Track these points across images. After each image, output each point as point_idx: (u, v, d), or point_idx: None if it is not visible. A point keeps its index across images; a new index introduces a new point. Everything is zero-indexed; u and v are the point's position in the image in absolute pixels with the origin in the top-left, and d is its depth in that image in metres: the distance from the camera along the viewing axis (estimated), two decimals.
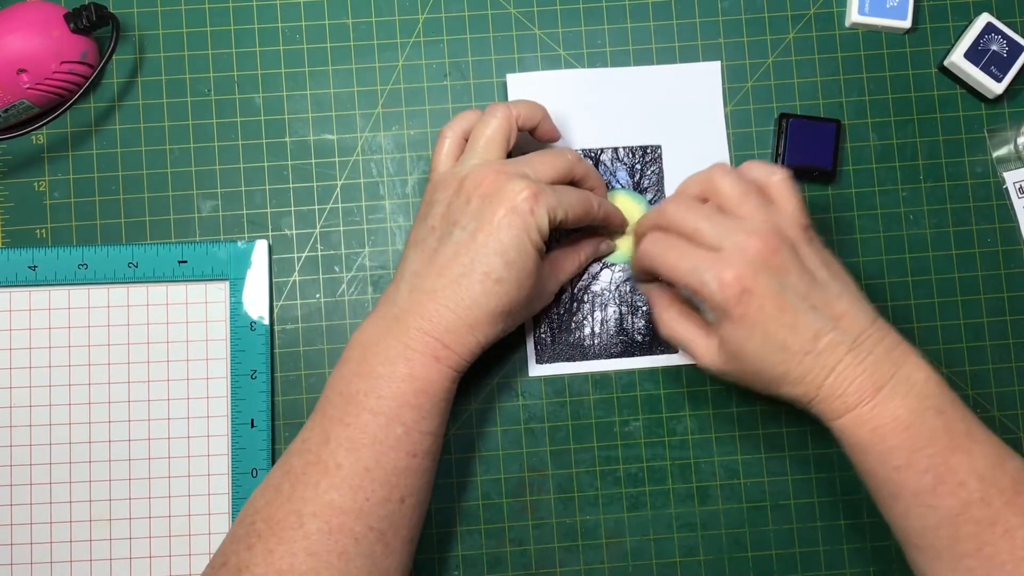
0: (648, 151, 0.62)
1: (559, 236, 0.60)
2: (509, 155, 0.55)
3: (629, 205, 0.61)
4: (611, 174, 0.61)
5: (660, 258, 0.53)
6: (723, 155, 0.62)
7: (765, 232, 0.50)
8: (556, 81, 0.62)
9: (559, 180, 0.55)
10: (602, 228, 0.60)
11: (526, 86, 0.62)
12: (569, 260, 0.59)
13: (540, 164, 0.54)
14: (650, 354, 0.61)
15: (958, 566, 0.49)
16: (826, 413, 0.51)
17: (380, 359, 0.51)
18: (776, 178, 0.53)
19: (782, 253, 0.50)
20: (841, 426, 0.51)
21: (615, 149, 0.62)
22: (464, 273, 0.51)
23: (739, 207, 0.52)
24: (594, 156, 0.61)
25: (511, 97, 0.62)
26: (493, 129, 0.55)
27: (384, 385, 0.50)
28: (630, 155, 0.62)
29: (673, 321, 0.56)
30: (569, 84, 0.62)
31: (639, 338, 0.61)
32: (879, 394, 0.49)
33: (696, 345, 0.55)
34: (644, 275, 0.58)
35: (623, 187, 0.61)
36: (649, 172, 0.61)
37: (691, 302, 0.57)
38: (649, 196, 0.61)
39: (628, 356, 0.60)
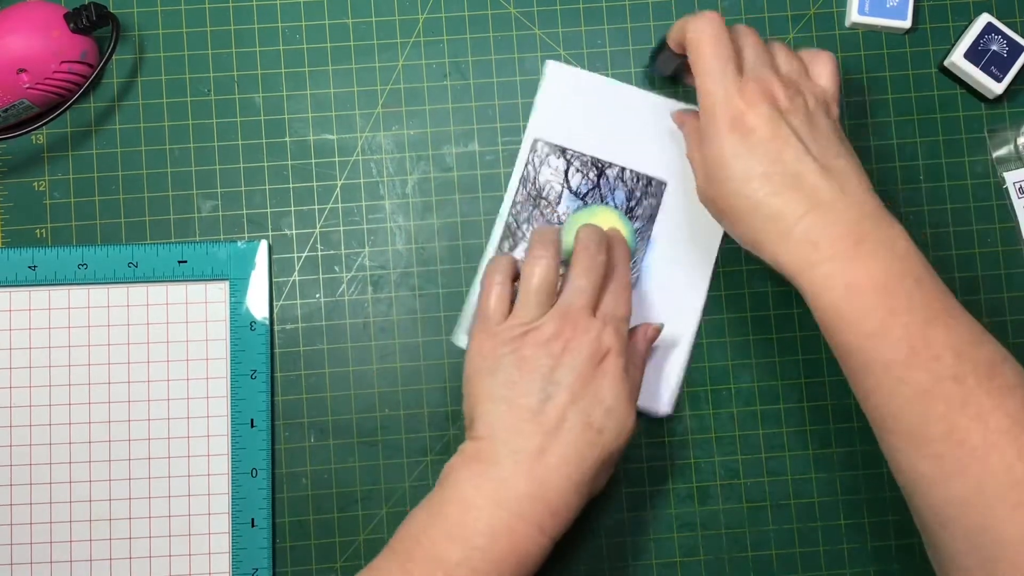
0: (652, 183, 0.61)
1: None
2: None
3: (606, 218, 0.59)
4: (610, 190, 0.61)
5: (700, 43, 0.52)
6: None
7: (789, 80, 0.52)
8: (591, 84, 0.62)
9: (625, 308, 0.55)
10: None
11: (563, 79, 0.61)
12: (636, 375, 0.56)
13: (611, 299, 0.54)
14: None
15: (926, 451, 0.46)
16: (795, 262, 0.49)
17: (481, 527, 0.48)
18: (822, 54, 0.54)
19: (795, 101, 0.51)
20: (811, 280, 0.48)
21: (622, 168, 0.61)
22: (569, 428, 0.50)
23: (783, 63, 0.53)
24: (599, 167, 0.61)
25: (546, 85, 0.61)
26: (546, 273, 0.53)
27: (479, 557, 0.48)
28: (634, 180, 0.61)
29: (694, 138, 0.55)
30: (602, 91, 0.62)
31: None
32: (857, 248, 0.48)
33: (698, 166, 0.54)
34: (672, 45, 0.56)
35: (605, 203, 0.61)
36: (645, 204, 0.61)
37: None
38: (637, 225, 0.61)
39: None
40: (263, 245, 0.60)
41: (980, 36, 0.61)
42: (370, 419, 0.60)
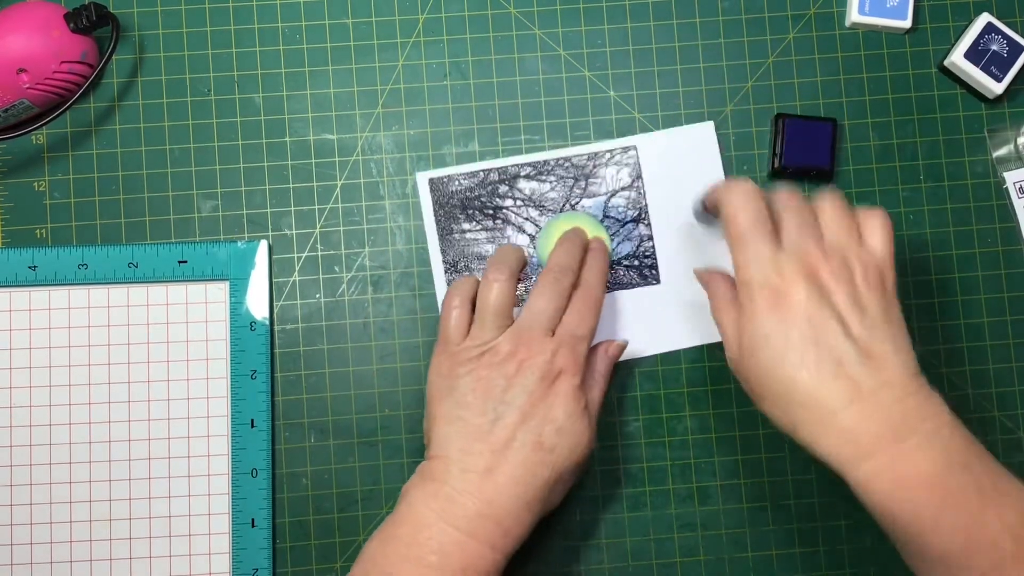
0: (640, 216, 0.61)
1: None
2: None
3: (573, 226, 0.59)
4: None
5: (735, 216, 0.50)
6: None
7: (832, 251, 0.49)
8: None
9: (592, 323, 0.55)
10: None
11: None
12: (594, 392, 0.56)
13: (574, 317, 0.54)
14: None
15: None
16: (838, 457, 0.47)
17: (433, 546, 0.49)
18: (875, 212, 0.51)
19: (837, 275, 0.49)
20: (856, 476, 0.47)
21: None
22: (518, 447, 0.51)
23: (830, 228, 0.50)
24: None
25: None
26: (501, 295, 0.54)
27: (432, 575, 0.49)
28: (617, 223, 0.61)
29: (723, 305, 0.53)
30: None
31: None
32: (900, 445, 0.46)
33: (730, 333, 0.52)
34: (709, 208, 0.55)
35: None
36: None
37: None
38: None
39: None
40: (263, 245, 0.60)
41: (980, 36, 0.61)
42: (370, 419, 0.60)
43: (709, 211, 0.55)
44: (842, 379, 0.47)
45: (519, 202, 0.61)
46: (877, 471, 0.46)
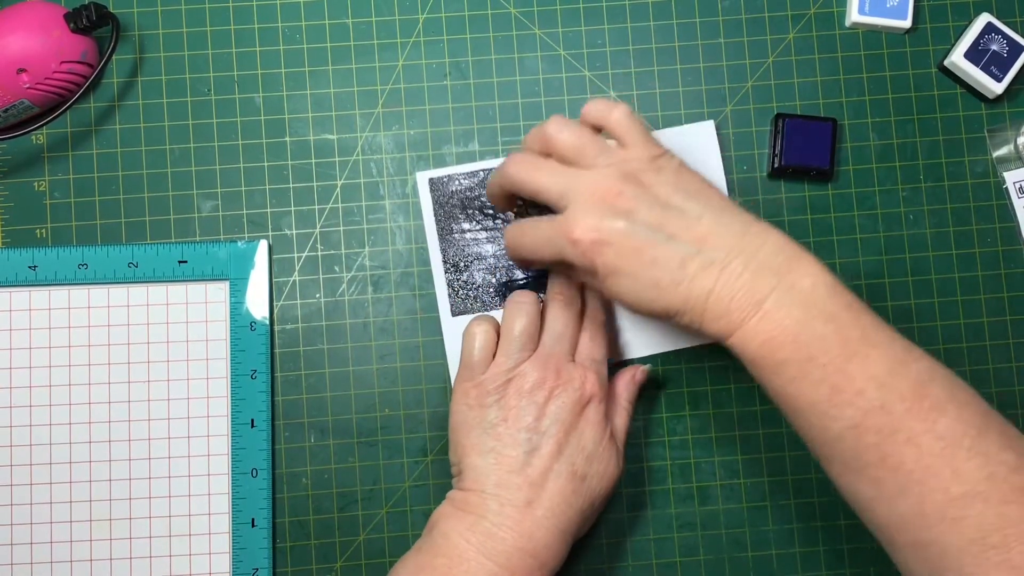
0: None
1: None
2: None
3: None
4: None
5: (519, 247, 0.52)
6: None
7: (604, 177, 0.49)
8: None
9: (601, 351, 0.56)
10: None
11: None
12: (621, 419, 0.57)
13: (588, 341, 0.54)
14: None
15: (864, 476, 0.47)
16: (717, 336, 0.49)
17: None
18: (615, 115, 0.51)
19: (625, 193, 0.49)
20: (732, 345, 0.48)
21: None
22: (555, 478, 0.51)
23: (580, 157, 0.50)
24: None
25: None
26: (528, 320, 0.54)
27: None
28: None
29: (564, 288, 0.56)
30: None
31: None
32: (762, 307, 0.47)
33: (591, 297, 0.55)
34: (522, 261, 0.57)
35: None
36: None
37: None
38: None
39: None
40: (263, 245, 0.60)
41: (980, 36, 0.61)
42: (370, 419, 0.60)
43: (524, 261, 0.56)
44: (694, 276, 0.48)
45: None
46: (745, 337, 0.47)
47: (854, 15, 0.62)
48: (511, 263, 0.60)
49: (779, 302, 0.47)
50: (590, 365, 0.54)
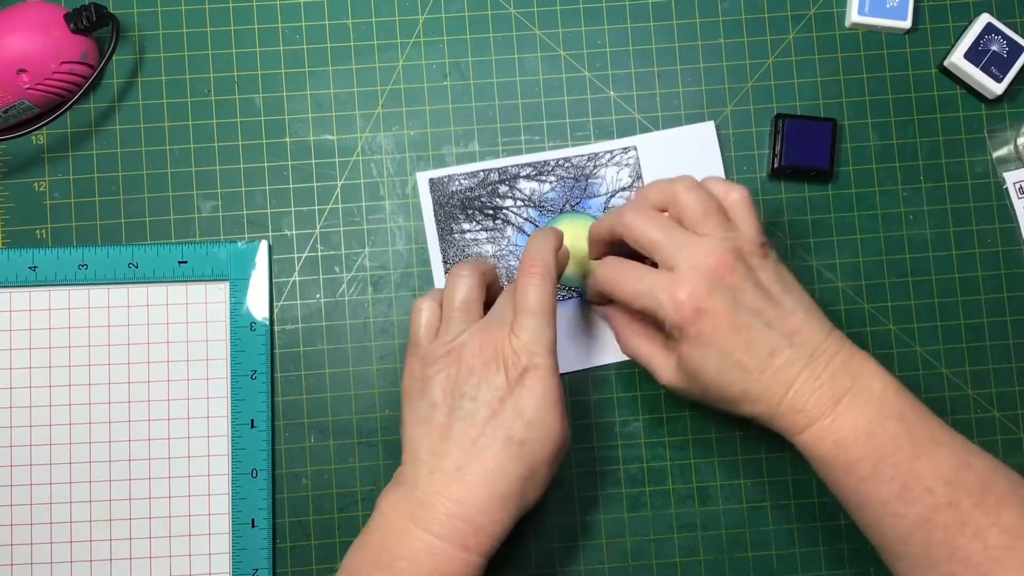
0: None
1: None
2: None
3: (574, 227, 0.59)
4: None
5: (617, 284, 0.53)
6: None
7: (721, 250, 0.50)
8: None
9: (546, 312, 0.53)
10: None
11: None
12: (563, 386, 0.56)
13: (525, 310, 0.52)
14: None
15: (935, 571, 0.48)
16: (787, 429, 0.51)
17: (403, 551, 0.49)
18: (734, 196, 0.53)
19: (737, 271, 0.50)
20: (803, 441, 0.51)
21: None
22: (487, 444, 0.50)
23: (700, 224, 0.52)
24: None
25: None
26: (466, 290, 0.53)
27: None
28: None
29: (634, 339, 0.56)
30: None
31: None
32: (838, 406, 0.49)
33: (656, 363, 0.55)
34: (601, 299, 0.58)
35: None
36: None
37: (651, 320, 0.56)
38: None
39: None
40: (263, 245, 0.60)
41: (980, 36, 0.61)
42: (370, 419, 0.60)
43: (603, 298, 0.57)
44: (779, 367, 0.50)
45: (519, 202, 0.61)
46: (819, 435, 0.50)
47: (854, 15, 0.62)
48: (511, 264, 0.60)
49: (853, 402, 0.49)
50: (536, 331, 0.51)
